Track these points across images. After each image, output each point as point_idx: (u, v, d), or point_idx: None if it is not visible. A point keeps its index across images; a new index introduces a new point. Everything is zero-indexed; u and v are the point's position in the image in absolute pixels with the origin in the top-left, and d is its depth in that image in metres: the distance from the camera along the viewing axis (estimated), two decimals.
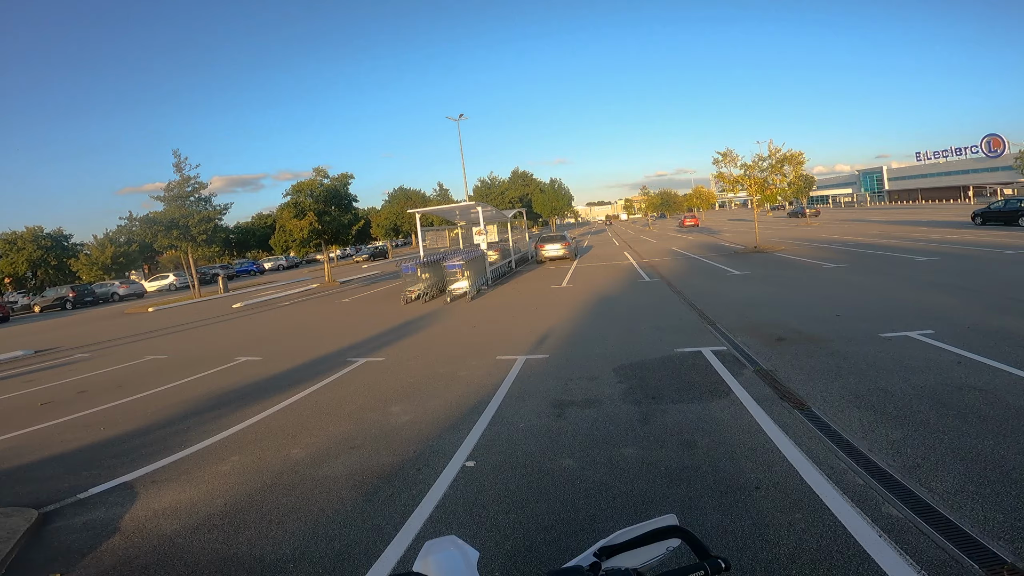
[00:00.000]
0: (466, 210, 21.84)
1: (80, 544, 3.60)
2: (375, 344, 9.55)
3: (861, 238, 22.81)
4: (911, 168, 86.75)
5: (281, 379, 7.65)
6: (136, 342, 13.55)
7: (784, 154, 21.65)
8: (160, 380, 8.43)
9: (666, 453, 4.02)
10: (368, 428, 5.26)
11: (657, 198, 72.82)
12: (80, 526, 3.85)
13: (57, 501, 4.30)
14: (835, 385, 5.17)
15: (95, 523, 3.88)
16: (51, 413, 7.14)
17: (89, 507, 4.16)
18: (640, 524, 0.93)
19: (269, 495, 4.04)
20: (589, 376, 6.23)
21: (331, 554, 3.17)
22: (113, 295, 34.41)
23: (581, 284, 15.43)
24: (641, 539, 0.92)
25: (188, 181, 25.37)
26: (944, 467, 3.45)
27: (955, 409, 4.34)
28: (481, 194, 61.24)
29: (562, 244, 24.49)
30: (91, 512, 4.07)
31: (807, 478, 3.44)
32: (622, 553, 0.91)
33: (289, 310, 17.13)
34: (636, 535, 0.92)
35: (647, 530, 0.93)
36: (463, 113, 44.06)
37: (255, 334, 12.70)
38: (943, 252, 15.51)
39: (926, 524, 2.85)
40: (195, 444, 5.32)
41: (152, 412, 6.65)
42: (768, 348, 6.71)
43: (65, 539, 3.69)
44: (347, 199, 27.98)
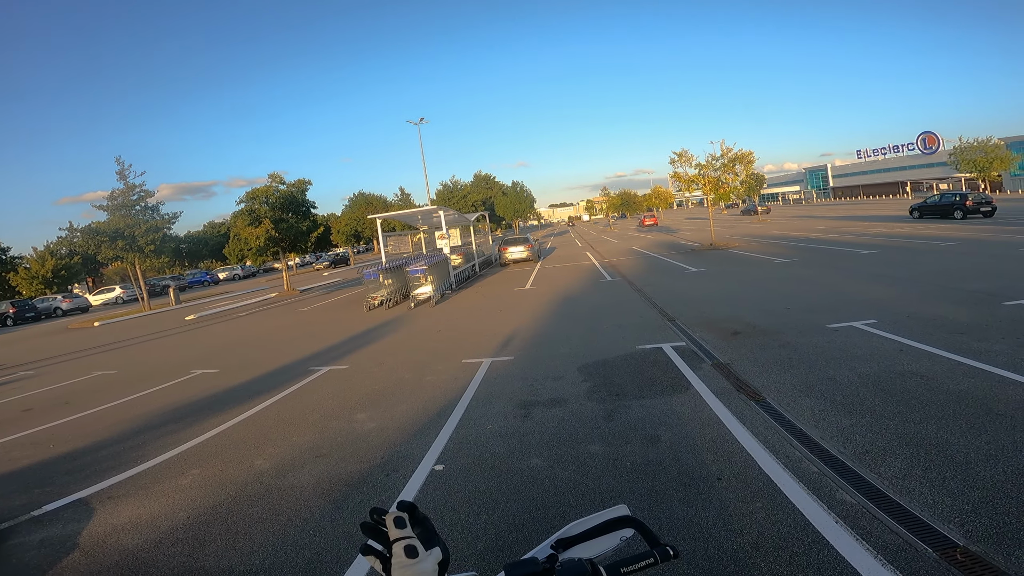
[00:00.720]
0: (428, 214, 21.71)
1: (39, 561, 3.52)
2: (338, 352, 9.41)
3: (809, 233, 23.78)
4: (853, 165, 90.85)
5: (240, 391, 7.45)
6: (83, 358, 12.95)
7: (736, 154, 22.39)
8: (110, 396, 8.11)
9: (631, 448, 4.12)
10: (334, 436, 5.19)
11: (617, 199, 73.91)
12: (37, 543, 3.77)
13: (11, 519, 4.20)
14: (787, 376, 5.40)
15: (52, 540, 3.79)
16: None
17: (45, 524, 4.06)
18: (593, 515, 0.96)
19: (234, 507, 3.97)
20: (554, 376, 6.31)
21: (302, 563, 3.13)
22: (56, 310, 32.76)
23: (545, 286, 15.56)
24: (595, 530, 0.95)
25: (133, 189, 24.35)
26: (891, 452, 3.62)
27: (899, 395, 4.58)
28: (444, 198, 60.94)
29: (525, 246, 24.64)
30: (47, 529, 3.97)
31: (765, 468, 3.58)
32: (577, 545, 0.93)
33: (246, 321, 16.66)
34: (590, 526, 0.95)
35: (600, 521, 0.96)
36: (423, 117, 43.80)
37: (211, 346, 12.32)
38: (884, 245, 16.34)
39: (878, 509, 2.97)
40: (152, 459, 5.17)
41: (104, 428, 6.41)
42: (724, 342, 6.95)
43: (23, 556, 3.61)
44: (305, 205, 27.40)
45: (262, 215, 25.21)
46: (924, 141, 74.82)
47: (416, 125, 40.07)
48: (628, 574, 0.85)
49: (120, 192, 24.20)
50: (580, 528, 0.95)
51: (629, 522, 0.95)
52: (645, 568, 0.86)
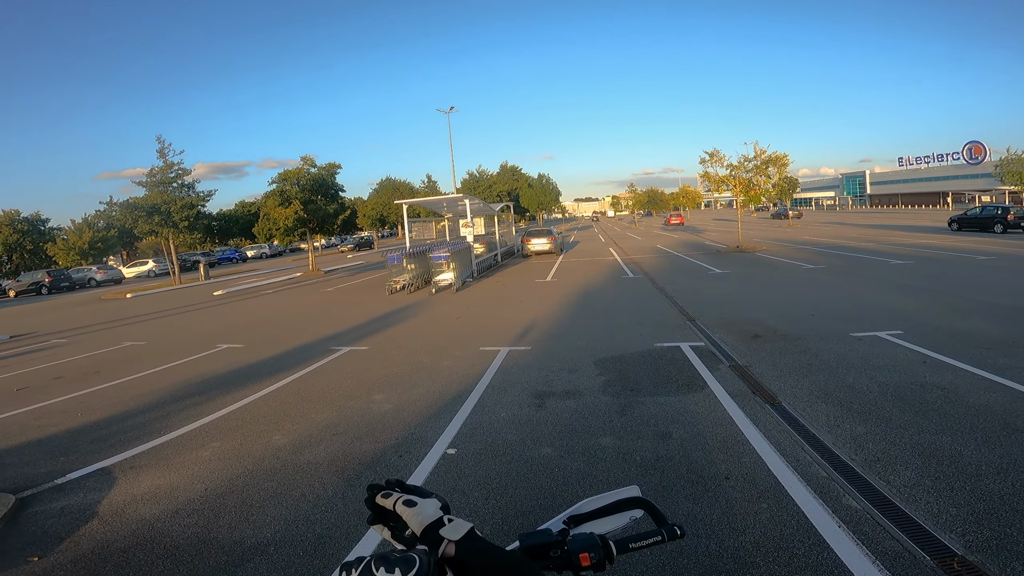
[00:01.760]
0: (453, 202, 21.83)
1: (58, 529, 3.57)
2: (359, 333, 9.57)
3: (840, 240, 23.26)
4: (893, 173, 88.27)
5: (263, 366, 7.65)
6: (114, 328, 13.38)
7: (769, 156, 21.92)
8: (139, 366, 8.36)
9: (642, 444, 4.14)
10: (350, 416, 5.30)
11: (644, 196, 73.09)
12: (58, 511, 3.82)
13: (34, 486, 4.25)
14: (805, 381, 5.35)
15: (73, 508, 3.85)
16: (27, 399, 7.02)
17: (67, 492, 4.12)
18: (605, 494, 1.01)
19: (250, 480, 4.05)
20: (570, 368, 6.34)
21: (312, 537, 3.20)
22: (90, 280, 33.76)
23: (565, 279, 15.55)
24: (606, 509, 0.99)
25: (171, 167, 25.00)
26: (903, 461, 3.60)
27: (917, 406, 4.53)
28: (469, 187, 61.10)
29: (548, 239, 24.61)
30: (69, 497, 4.03)
31: (774, 469, 3.58)
32: (589, 522, 0.98)
33: (272, 298, 17.01)
34: (602, 505, 1.00)
35: (612, 500, 1.00)
36: (453, 106, 43.88)
37: (237, 322, 12.62)
38: (917, 256, 15.90)
39: (882, 516, 2.98)
40: (175, 430, 5.28)
41: (131, 398, 6.58)
42: (744, 345, 6.89)
43: (43, 524, 3.66)
44: (334, 188, 27.78)
45: (292, 196, 25.67)
46: (970, 151, 72.28)
47: (446, 114, 40.34)
48: (636, 549, 0.89)
49: (159, 169, 24.87)
50: (592, 506, 1.00)
51: (639, 503, 1.00)
52: (653, 545, 0.90)
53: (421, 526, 0.82)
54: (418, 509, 0.84)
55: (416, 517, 0.83)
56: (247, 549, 3.14)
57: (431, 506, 0.85)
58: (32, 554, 3.28)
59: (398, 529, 0.86)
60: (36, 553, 3.29)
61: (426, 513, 0.83)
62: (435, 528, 0.82)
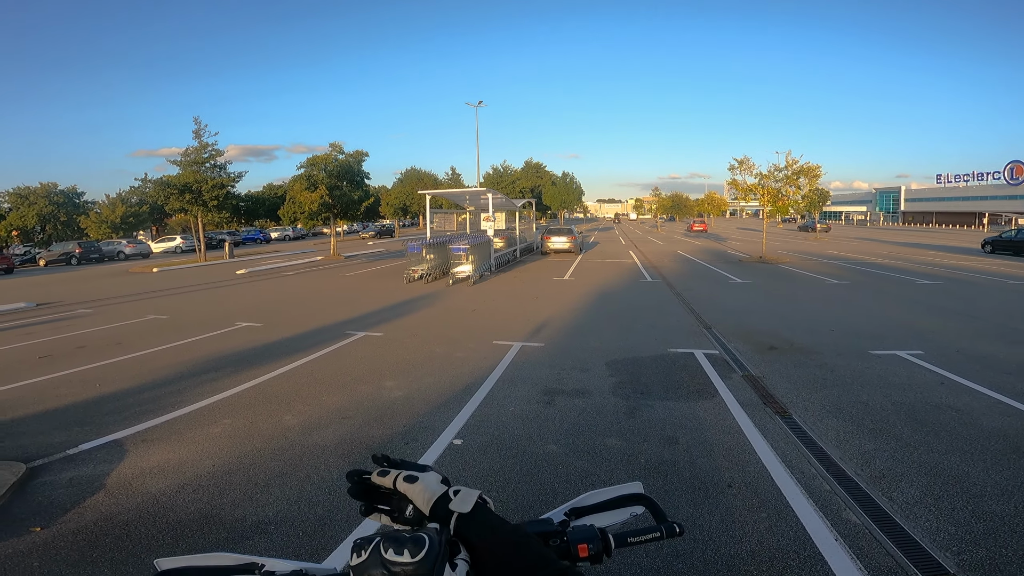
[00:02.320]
0: (476, 196, 21.89)
1: (64, 500, 3.57)
2: (375, 319, 9.68)
3: (868, 257, 22.78)
4: (930, 190, 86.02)
5: (279, 346, 7.78)
6: (138, 301, 13.68)
7: (801, 166, 21.50)
8: (159, 340, 8.53)
9: (648, 447, 4.13)
10: (361, 400, 5.37)
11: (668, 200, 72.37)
12: (66, 482, 3.83)
13: (46, 456, 4.26)
14: (818, 395, 5.29)
15: (81, 479, 3.85)
16: (49, 367, 7.09)
17: (77, 463, 4.13)
18: (608, 488, 1.01)
19: (258, 459, 4.08)
20: (582, 367, 6.34)
21: (312, 519, 3.22)
22: (119, 254, 34.56)
23: (583, 279, 15.50)
24: (608, 503, 1.00)
25: (206, 147, 25.46)
26: (908, 479, 3.59)
27: (929, 426, 4.49)
28: (492, 181, 61.10)
29: (568, 238, 24.55)
30: (79, 468, 4.04)
31: (778, 480, 3.57)
32: (590, 515, 0.98)
33: (292, 280, 17.26)
34: (603, 499, 1.00)
35: (614, 495, 1.00)
36: (482, 100, 43.68)
37: (257, 301, 12.82)
38: (947, 277, 15.52)
39: (880, 531, 2.98)
40: (189, 405, 5.33)
41: (149, 371, 6.68)
42: (759, 355, 6.81)
43: (50, 494, 3.66)
44: (359, 176, 28.04)
45: (319, 181, 25.99)
46: (1012, 171, 70.02)
47: (474, 108, 40.30)
48: (634, 544, 0.90)
49: (194, 149, 25.36)
50: (594, 499, 1.00)
51: (641, 499, 1.00)
52: (651, 541, 0.91)
53: (429, 502, 0.78)
54: (422, 485, 0.79)
55: (423, 494, 0.79)
56: (248, 527, 3.17)
57: (433, 479, 0.81)
58: (36, 524, 3.29)
59: (397, 511, 0.82)
60: (40, 523, 3.30)
61: (432, 488, 0.79)
62: (443, 503, 0.77)
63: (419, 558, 0.68)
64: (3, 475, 3.79)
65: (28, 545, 3.06)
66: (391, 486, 0.81)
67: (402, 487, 0.80)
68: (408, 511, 0.80)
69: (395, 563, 0.67)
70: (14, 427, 4.95)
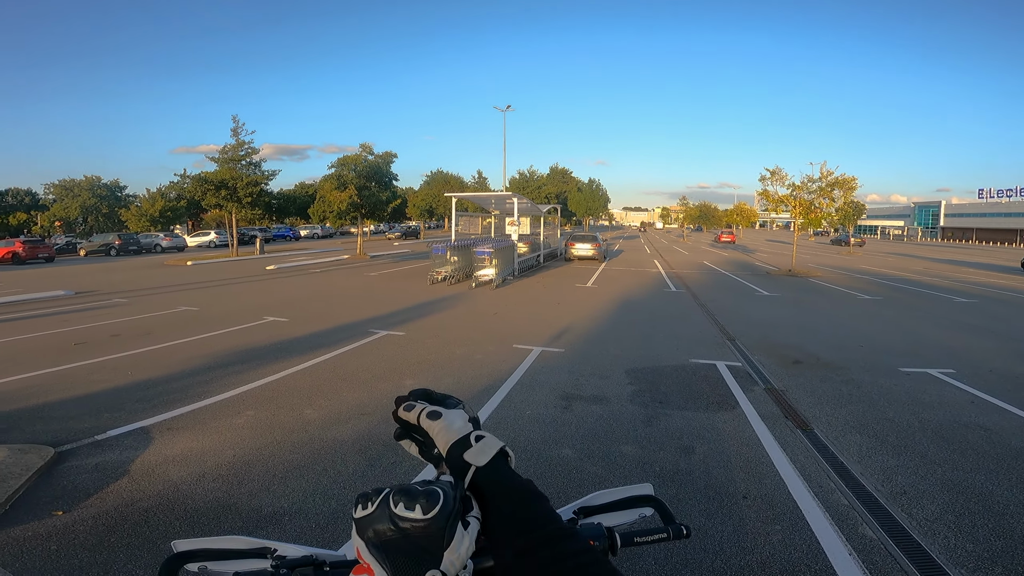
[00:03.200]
0: (502, 200, 21.98)
1: (88, 485, 3.63)
2: (397, 319, 9.80)
3: (903, 273, 22.16)
4: (971, 205, 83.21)
5: (304, 342, 7.93)
6: (172, 293, 14.07)
7: (836, 178, 20.95)
8: (190, 331, 8.75)
9: (663, 455, 4.10)
10: (380, 397, 5.44)
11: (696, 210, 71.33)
12: (92, 467, 3.89)
13: (74, 441, 4.33)
14: (842, 411, 5.18)
15: (106, 465, 3.92)
16: (83, 353, 7.26)
17: (104, 449, 4.20)
18: (618, 488, 1.01)
19: (277, 451, 4.15)
20: (601, 374, 6.32)
21: (326, 512, 3.26)
22: (156, 246, 35.63)
23: (606, 286, 15.43)
24: (617, 503, 1.00)
25: (242, 145, 26.17)
26: (930, 496, 3.54)
27: (956, 444, 4.42)
28: (518, 186, 61.25)
29: (592, 245, 24.46)
30: (105, 454, 4.11)
31: (794, 493, 3.52)
32: (599, 515, 0.99)
33: (319, 277, 17.57)
34: (612, 499, 1.00)
35: (624, 496, 1.01)
36: (510, 105, 43.73)
37: (284, 296, 13.09)
38: (984, 296, 15.02)
39: (896, 547, 2.94)
40: (215, 395, 5.44)
41: (178, 361, 6.85)
42: (783, 369, 6.69)
43: (75, 479, 3.72)
44: (388, 177, 28.48)
45: (348, 181, 26.47)
46: None
47: (503, 112, 40.52)
48: (641, 544, 0.90)
49: (231, 147, 26.12)
50: (603, 499, 1.00)
51: (650, 501, 1.00)
52: (657, 542, 0.91)
53: (447, 444, 0.73)
54: (443, 423, 0.74)
55: (442, 433, 0.74)
56: (262, 517, 3.21)
57: (458, 418, 0.75)
58: (58, 508, 3.33)
59: (425, 445, 0.79)
60: (62, 507, 3.34)
61: (453, 428, 0.74)
62: (460, 448, 0.72)
63: (431, 515, 0.63)
64: (31, 459, 3.88)
65: (48, 528, 3.11)
66: (415, 422, 0.76)
67: (424, 423, 0.75)
68: (436, 450, 0.76)
69: (404, 518, 0.63)
70: (47, 411, 5.06)
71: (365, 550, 0.65)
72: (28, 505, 3.37)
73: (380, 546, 0.64)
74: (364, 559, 0.65)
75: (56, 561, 2.80)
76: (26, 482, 3.59)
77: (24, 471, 3.68)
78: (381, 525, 0.64)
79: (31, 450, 4.03)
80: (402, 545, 0.63)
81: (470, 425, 0.75)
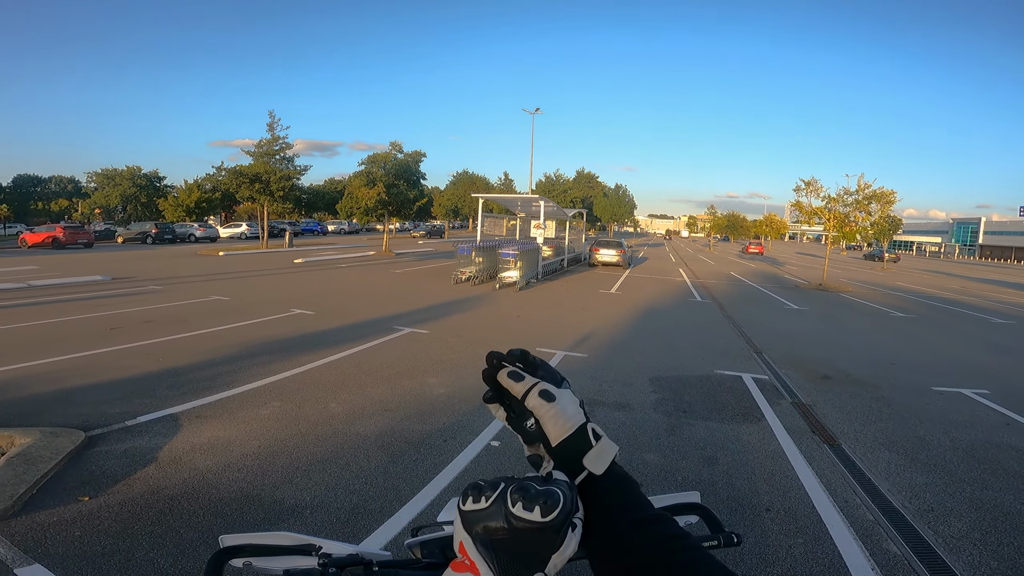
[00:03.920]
0: (528, 202, 22.00)
1: (116, 470, 3.64)
2: (421, 316, 9.88)
3: (938, 291, 21.53)
4: (1012, 223, 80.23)
5: (329, 335, 8.04)
6: (204, 282, 14.38)
7: (874, 191, 20.41)
8: (220, 320, 8.93)
9: (686, 464, 4.06)
10: (403, 394, 5.49)
11: (724, 220, 70.21)
12: (121, 452, 3.91)
13: (105, 426, 4.35)
14: (872, 428, 5.09)
15: (135, 451, 3.95)
16: (117, 338, 7.39)
17: (134, 435, 4.23)
18: (664, 496, 0.98)
19: (301, 443, 4.18)
20: (624, 381, 6.28)
21: (347, 507, 3.28)
22: (190, 236, 36.53)
23: (630, 293, 15.33)
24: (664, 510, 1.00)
25: (277, 140, 26.72)
26: (957, 514, 3.52)
27: (987, 464, 4.37)
28: (544, 189, 61.26)
29: (617, 251, 24.29)
30: (134, 440, 4.14)
31: (819, 508, 3.49)
32: None
33: (345, 272, 17.82)
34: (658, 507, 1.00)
35: (670, 503, 0.99)
36: (539, 108, 43.25)
37: (311, 290, 13.29)
38: (1023, 317, 14.47)
39: (920, 563, 2.93)
40: (242, 385, 5.50)
41: (208, 349, 6.97)
42: (811, 384, 6.57)
43: (103, 464, 3.73)
44: (416, 175, 28.79)
45: (377, 178, 26.82)
46: None
47: (531, 114, 40.50)
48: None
49: (266, 142, 26.69)
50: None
51: (696, 509, 0.98)
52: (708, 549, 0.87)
53: (560, 435, 0.65)
54: (557, 409, 0.66)
55: (555, 420, 0.66)
56: (285, 510, 3.23)
57: (571, 403, 0.68)
58: (85, 493, 3.34)
59: (518, 415, 0.70)
60: (89, 492, 3.35)
61: (567, 415, 0.66)
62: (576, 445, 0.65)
63: (549, 519, 0.58)
64: (61, 442, 3.89)
65: (73, 514, 3.11)
66: (519, 396, 0.67)
67: (534, 403, 0.66)
68: (529, 424, 0.69)
69: (521, 519, 0.58)
70: (80, 395, 5.11)
71: (471, 546, 0.60)
72: (55, 490, 3.39)
73: (489, 544, 0.59)
74: (469, 555, 0.60)
75: (79, 548, 2.80)
76: (55, 466, 3.60)
77: (54, 455, 3.69)
78: (494, 523, 0.59)
79: (62, 434, 4.05)
80: (512, 546, 0.59)
81: (581, 412, 0.68)
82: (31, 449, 3.72)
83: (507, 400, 0.70)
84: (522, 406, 0.68)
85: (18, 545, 2.79)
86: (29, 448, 3.73)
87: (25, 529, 2.94)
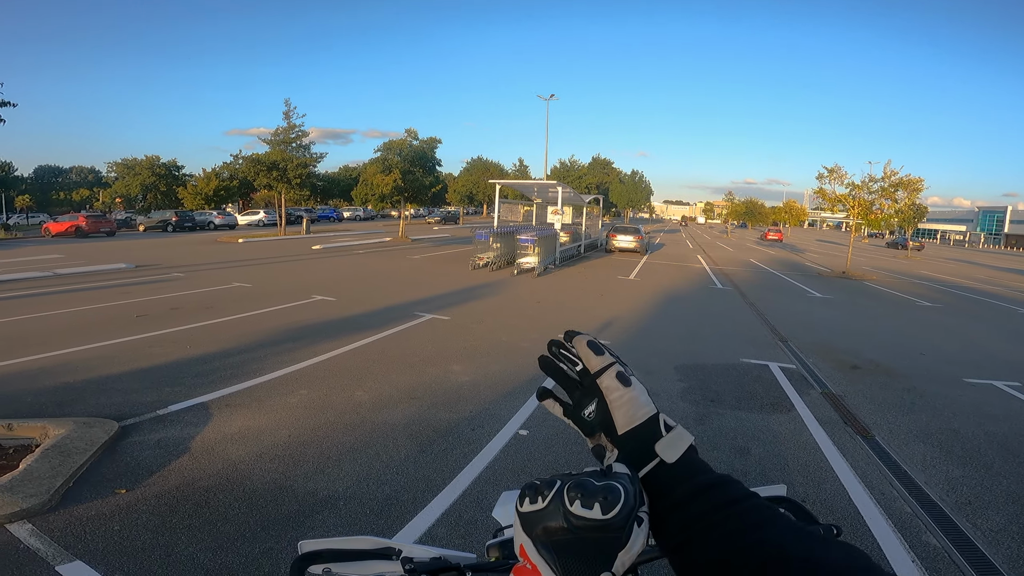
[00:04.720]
0: (544, 188, 21.86)
1: (150, 461, 3.62)
2: (441, 302, 9.89)
3: (964, 280, 21.07)
4: None
5: (352, 322, 8.08)
6: (225, 269, 14.53)
7: (900, 179, 19.95)
8: (244, 307, 8.99)
9: (717, 455, 4.02)
10: (429, 382, 5.48)
11: (741, 206, 69.11)
12: (154, 443, 3.89)
13: (137, 415, 4.33)
14: (905, 419, 5.00)
15: (168, 441, 3.93)
16: (144, 326, 7.42)
17: (166, 424, 4.23)
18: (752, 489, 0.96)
19: (331, 432, 4.16)
20: (647, 370, 6.23)
21: (380, 498, 3.25)
22: (209, 224, 36.92)
23: (649, 279, 15.21)
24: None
25: (293, 128, 26.80)
26: (995, 507, 3.49)
27: (1023, 458, 4.29)
28: (559, 175, 60.88)
29: (635, 237, 24.10)
30: (167, 430, 4.13)
31: (856, 500, 3.46)
32: None
33: (363, 258, 17.90)
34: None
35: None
36: (554, 94, 42.94)
37: (331, 276, 13.37)
38: None
39: (960, 556, 2.93)
40: (269, 373, 5.50)
41: (233, 336, 7.01)
42: (840, 373, 6.47)
43: (137, 455, 3.71)
44: (431, 162, 28.75)
45: (393, 165, 26.82)
46: None
47: (546, 100, 40.14)
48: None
49: (283, 130, 26.80)
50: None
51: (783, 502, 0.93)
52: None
53: (631, 422, 0.60)
54: (633, 394, 0.60)
55: (628, 406, 0.60)
56: (318, 501, 3.21)
57: (642, 391, 0.62)
58: (121, 486, 3.31)
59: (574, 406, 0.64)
60: (125, 485, 3.32)
61: (640, 401, 0.60)
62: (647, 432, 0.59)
63: (610, 516, 0.54)
64: (96, 433, 3.86)
65: (111, 507, 3.08)
66: (594, 370, 0.62)
67: (608, 383, 0.60)
68: (588, 412, 0.63)
69: (580, 517, 0.55)
70: (110, 383, 5.11)
71: (532, 549, 0.57)
72: (92, 482, 3.35)
73: (550, 546, 0.56)
74: (530, 559, 0.58)
75: (118, 543, 2.76)
76: (90, 458, 3.57)
77: (89, 446, 3.66)
78: (553, 523, 0.56)
79: (96, 424, 4.03)
80: (574, 546, 0.56)
81: (652, 402, 0.62)
82: (66, 440, 3.70)
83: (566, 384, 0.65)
84: (582, 394, 0.63)
85: (58, 541, 2.75)
86: (64, 439, 3.71)
87: (64, 524, 2.90)
